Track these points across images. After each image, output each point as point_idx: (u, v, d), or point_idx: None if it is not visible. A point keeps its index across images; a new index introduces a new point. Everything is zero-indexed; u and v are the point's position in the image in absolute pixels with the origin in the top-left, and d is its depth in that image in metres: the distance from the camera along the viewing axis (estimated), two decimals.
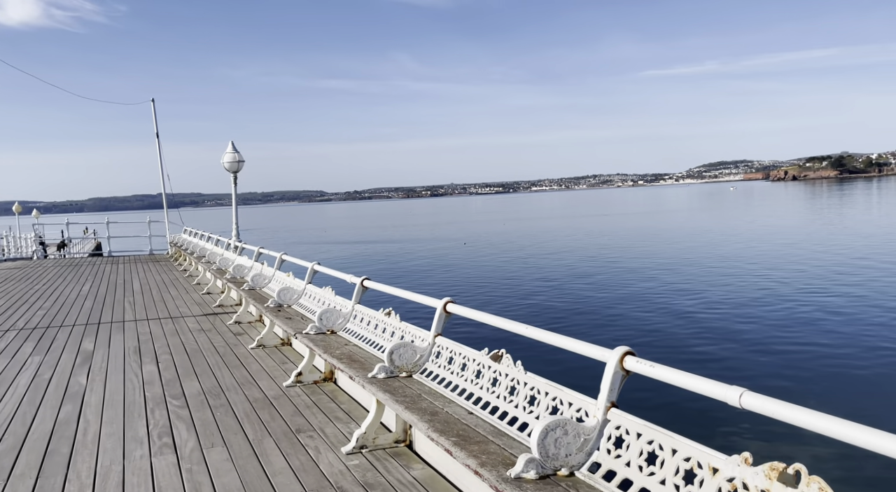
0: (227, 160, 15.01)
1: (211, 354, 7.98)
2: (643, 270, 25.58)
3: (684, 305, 18.17)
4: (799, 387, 11.06)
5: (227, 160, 15.01)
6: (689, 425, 5.07)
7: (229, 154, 15.19)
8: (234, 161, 15.17)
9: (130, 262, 22.15)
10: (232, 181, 15.87)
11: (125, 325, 10.17)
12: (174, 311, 11.47)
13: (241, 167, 15.37)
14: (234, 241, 15.32)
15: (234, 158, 15.16)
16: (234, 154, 15.17)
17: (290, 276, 9.28)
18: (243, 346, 8.42)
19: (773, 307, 17.29)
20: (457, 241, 48.66)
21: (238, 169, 15.31)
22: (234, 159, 15.15)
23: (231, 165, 15.27)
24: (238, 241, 15.23)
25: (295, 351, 8.03)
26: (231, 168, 15.33)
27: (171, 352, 8.18)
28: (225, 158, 15.14)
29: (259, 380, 6.73)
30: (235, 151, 15.22)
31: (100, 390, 6.57)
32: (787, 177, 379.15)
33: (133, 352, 8.25)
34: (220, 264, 13.48)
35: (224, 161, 15.06)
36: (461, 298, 5.19)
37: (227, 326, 9.81)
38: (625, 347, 3.01)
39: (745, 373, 11.78)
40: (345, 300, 6.99)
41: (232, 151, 15.31)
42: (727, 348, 13.57)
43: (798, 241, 35.00)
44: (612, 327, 15.81)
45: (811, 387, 11.10)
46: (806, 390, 10.83)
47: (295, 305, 8.51)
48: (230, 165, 15.24)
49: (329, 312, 6.70)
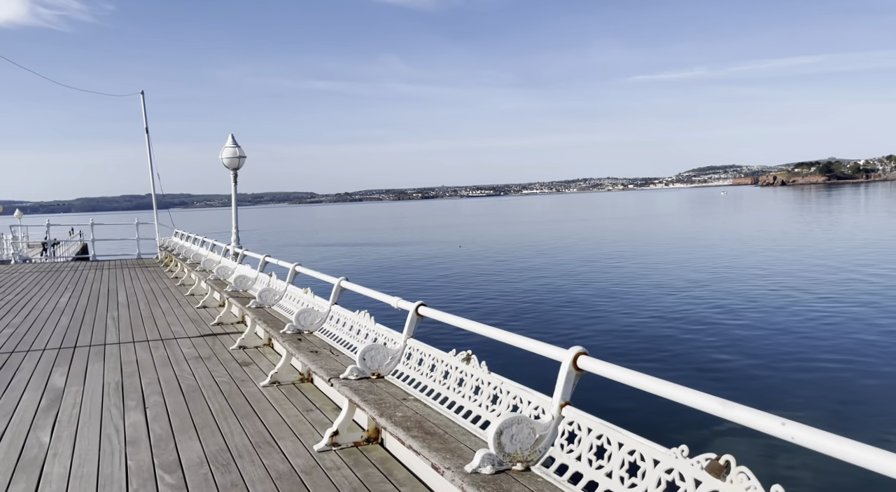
0: (226, 156, 13.19)
1: (213, 396, 6.31)
2: (640, 273, 24.19)
3: (677, 309, 16.78)
4: (755, 386, 11.40)
5: (226, 156, 13.19)
6: (641, 421, 5.02)
7: (229, 149, 13.54)
8: (234, 157, 13.51)
9: (117, 267, 20.42)
10: (232, 179, 14.22)
11: (106, 350, 8.47)
12: (165, 330, 9.78)
13: (242, 163, 13.54)
14: (234, 246, 13.65)
15: (235, 153, 13.56)
16: (234, 149, 13.49)
17: (308, 293, 7.65)
18: (253, 382, 6.77)
19: (774, 314, 15.99)
20: (452, 243, 48.39)
21: (239, 165, 13.49)
22: (235, 154, 13.47)
23: (231, 160, 13.68)
24: (238, 246, 13.54)
25: (320, 392, 6.39)
26: (231, 164, 13.73)
27: (163, 391, 6.51)
28: (224, 153, 13.41)
29: (280, 438, 5.08)
30: (236, 145, 13.57)
31: (66, 453, 4.90)
32: (776, 182, 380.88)
33: (114, 391, 6.57)
34: (219, 274, 11.82)
35: (223, 157, 13.24)
36: (457, 300, 4.86)
37: (230, 353, 8.14)
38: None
39: (732, 382, 11.74)
40: (392, 332, 5.41)
41: (232, 145, 13.65)
42: (714, 354, 13.38)
43: (801, 246, 33.73)
44: (600, 328, 14.69)
45: (771, 387, 11.32)
46: (762, 390, 11.14)
47: (318, 331, 6.88)
48: (230, 160, 13.61)
49: (375, 349, 5.08)
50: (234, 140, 13.24)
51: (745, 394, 10.76)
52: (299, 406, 5.92)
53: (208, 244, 16.01)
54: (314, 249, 50.37)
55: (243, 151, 13.40)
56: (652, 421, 7.97)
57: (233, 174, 13.54)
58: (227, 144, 13.25)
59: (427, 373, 4.58)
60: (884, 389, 11.02)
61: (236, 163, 13.22)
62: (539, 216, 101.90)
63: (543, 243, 44.57)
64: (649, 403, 4.01)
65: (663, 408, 4.75)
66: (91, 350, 8.43)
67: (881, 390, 10.97)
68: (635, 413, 8.09)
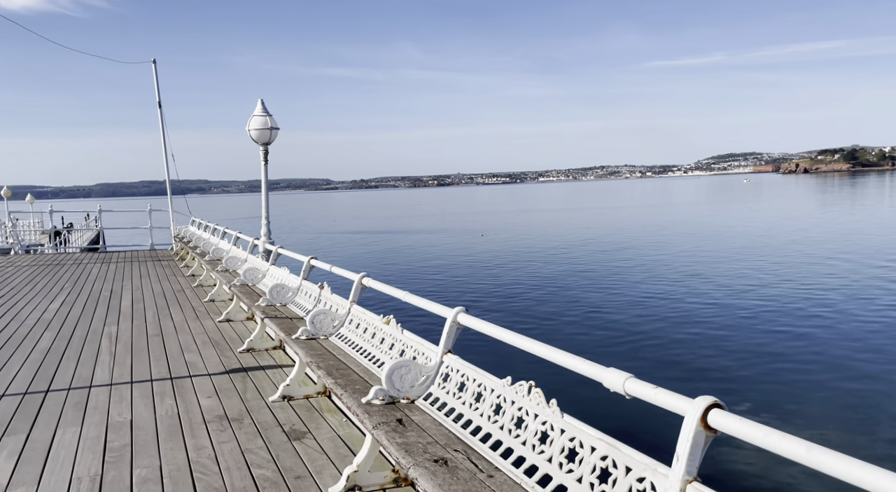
0: (254, 126, 10.45)
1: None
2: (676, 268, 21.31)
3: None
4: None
5: (254, 126, 10.45)
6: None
7: (258, 118, 10.63)
8: (263, 128, 10.61)
9: (126, 260, 17.97)
10: (261, 157, 11.04)
11: (90, 398, 5.87)
12: (177, 360, 7.16)
13: (273, 137, 10.75)
14: (265, 241, 11.03)
15: (265, 123, 10.61)
16: (264, 118, 10.63)
17: (391, 323, 4.97)
18: (313, 477, 4.13)
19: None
20: (474, 232, 46.20)
21: (270, 139, 10.74)
22: (265, 125, 10.60)
23: (260, 133, 10.64)
24: (270, 241, 10.95)
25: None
26: (260, 138, 10.70)
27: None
28: (251, 123, 10.63)
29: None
30: (266, 113, 10.71)
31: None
32: (798, 170, 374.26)
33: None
34: (247, 278, 9.17)
35: (250, 128, 10.58)
36: (479, 299, 3.54)
37: (271, 407, 5.50)
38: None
39: None
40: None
41: (262, 113, 10.68)
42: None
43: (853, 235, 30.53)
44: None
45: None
46: None
47: (418, 390, 4.20)
48: (259, 133, 10.63)
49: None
50: (264, 107, 10.36)
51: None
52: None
53: (230, 236, 13.34)
54: (335, 238, 47.86)
55: (275, 122, 10.74)
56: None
57: (262, 151, 10.91)
58: (255, 112, 10.72)
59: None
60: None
61: (267, 136, 10.45)
62: (560, 204, 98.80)
63: (573, 234, 41.69)
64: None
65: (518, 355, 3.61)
66: (68, 400, 5.81)
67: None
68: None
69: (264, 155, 10.99)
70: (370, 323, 5.38)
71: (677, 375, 11.19)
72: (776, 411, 9.44)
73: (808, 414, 9.43)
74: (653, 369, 11.39)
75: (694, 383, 10.65)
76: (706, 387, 10.38)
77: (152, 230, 21.98)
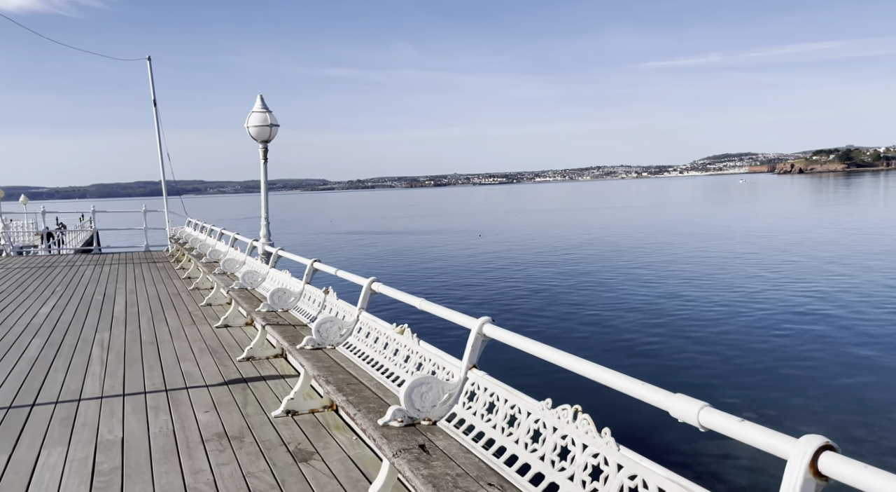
0: (253, 123, 10.03)
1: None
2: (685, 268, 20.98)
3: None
4: None
5: (253, 123, 10.03)
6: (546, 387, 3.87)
7: (257, 115, 10.10)
8: (263, 125, 10.05)
9: (121, 262, 17.54)
10: (261, 155, 10.45)
11: (79, 413, 5.46)
12: (172, 369, 6.75)
13: (273, 134, 10.27)
14: (264, 242, 10.54)
15: (265, 119, 10.06)
16: (263, 114, 10.10)
17: (405, 332, 4.59)
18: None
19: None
20: (471, 232, 46.12)
21: (270, 137, 10.24)
22: (265, 122, 10.05)
23: (259, 130, 10.08)
24: (269, 243, 10.48)
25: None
26: (259, 135, 10.15)
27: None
28: (250, 119, 10.11)
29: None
30: (265, 109, 10.19)
31: None
32: (793, 170, 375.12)
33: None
34: (246, 282, 8.76)
35: (249, 125, 10.09)
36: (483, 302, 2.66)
37: (273, 423, 5.10)
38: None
39: None
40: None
41: (261, 109, 10.16)
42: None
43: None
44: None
45: None
46: None
47: (440, 410, 3.81)
48: (258, 130, 10.07)
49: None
50: (263, 103, 10.20)
51: None
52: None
53: (228, 237, 12.92)
54: (333, 239, 47.43)
55: (275, 118, 10.24)
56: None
57: (262, 149, 10.42)
58: (254, 108, 10.19)
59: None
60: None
61: (266, 133, 10.10)
62: (558, 204, 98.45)
63: (573, 234, 41.37)
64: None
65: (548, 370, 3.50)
66: (55, 416, 5.40)
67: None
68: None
69: (264, 153, 10.53)
70: (382, 332, 5.00)
71: (691, 380, 10.82)
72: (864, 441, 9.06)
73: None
74: (666, 375, 11.02)
75: (711, 389, 10.28)
76: (734, 396, 10.01)
77: (147, 231, 21.54)
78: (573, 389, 3.42)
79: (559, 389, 3.27)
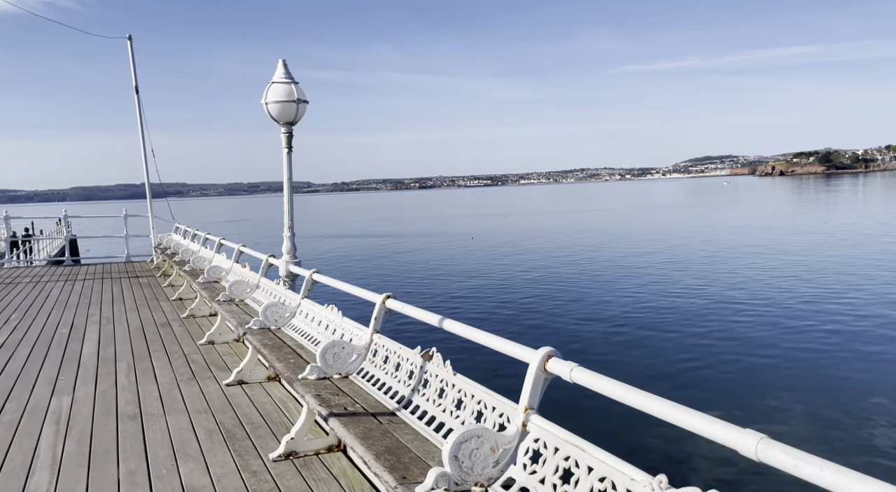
0: (273, 98, 7.58)
1: None
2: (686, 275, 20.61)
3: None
4: None
5: (273, 98, 7.58)
6: (614, 434, 3.97)
7: (279, 86, 7.58)
8: (288, 100, 7.55)
9: (97, 276, 15.37)
10: (283, 142, 7.97)
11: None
12: (166, 482, 4.20)
13: (301, 114, 7.75)
14: (288, 261, 8.31)
15: (290, 93, 7.56)
16: (289, 86, 7.60)
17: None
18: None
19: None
20: (464, 236, 45.99)
21: (296, 117, 7.74)
22: (290, 95, 7.55)
23: (282, 108, 7.58)
24: (294, 261, 8.30)
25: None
26: (282, 115, 7.65)
27: None
28: (270, 94, 7.61)
29: None
30: (291, 79, 7.67)
31: None
32: (774, 172, 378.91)
33: None
34: (269, 320, 6.70)
35: (268, 101, 7.61)
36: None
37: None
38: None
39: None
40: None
41: (284, 79, 7.65)
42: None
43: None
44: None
45: None
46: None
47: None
48: (280, 108, 7.56)
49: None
50: (287, 71, 7.72)
51: None
52: None
53: (232, 251, 10.71)
54: (318, 243, 46.63)
55: (302, 92, 7.68)
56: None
57: (284, 134, 7.87)
58: (274, 77, 7.68)
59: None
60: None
61: (292, 112, 7.58)
62: (544, 207, 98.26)
63: (564, 237, 40.95)
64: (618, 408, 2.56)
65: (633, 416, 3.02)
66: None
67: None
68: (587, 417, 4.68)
69: (287, 139, 8.02)
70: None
71: (691, 382, 10.32)
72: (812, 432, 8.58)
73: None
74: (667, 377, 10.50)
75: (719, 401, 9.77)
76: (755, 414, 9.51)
77: (128, 239, 19.38)
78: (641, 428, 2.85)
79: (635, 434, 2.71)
